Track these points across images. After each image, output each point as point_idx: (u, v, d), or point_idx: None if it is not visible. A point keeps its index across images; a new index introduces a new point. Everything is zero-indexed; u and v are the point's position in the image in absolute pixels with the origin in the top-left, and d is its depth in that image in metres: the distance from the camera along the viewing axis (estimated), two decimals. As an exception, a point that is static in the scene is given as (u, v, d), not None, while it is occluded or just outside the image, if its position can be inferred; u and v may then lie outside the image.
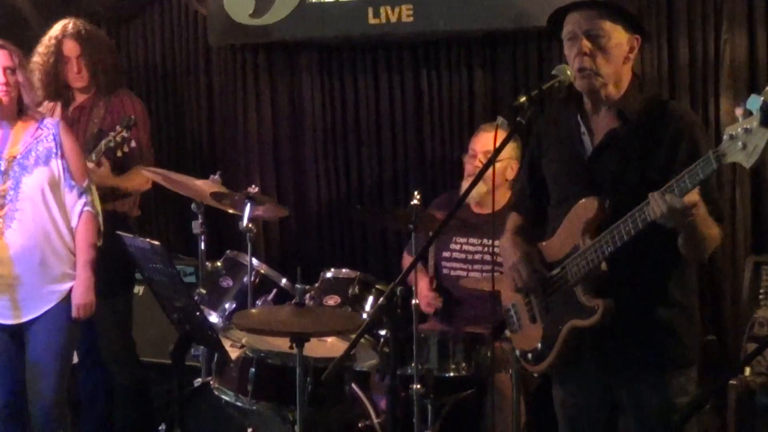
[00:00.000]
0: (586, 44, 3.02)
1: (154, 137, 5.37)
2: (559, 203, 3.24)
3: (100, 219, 4.28)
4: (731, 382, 3.41)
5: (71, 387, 5.40)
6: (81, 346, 5.03)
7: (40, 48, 5.06)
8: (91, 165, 4.59)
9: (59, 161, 4.11)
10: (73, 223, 4.20)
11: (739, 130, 2.54)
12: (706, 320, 4.86)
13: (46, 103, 5.10)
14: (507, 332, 3.46)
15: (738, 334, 4.48)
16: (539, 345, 3.22)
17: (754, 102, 2.55)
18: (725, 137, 2.60)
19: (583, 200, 3.05)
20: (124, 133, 4.67)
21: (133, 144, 4.70)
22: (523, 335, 3.34)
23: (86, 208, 4.14)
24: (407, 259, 4.99)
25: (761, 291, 4.39)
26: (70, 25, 5.08)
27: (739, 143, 2.55)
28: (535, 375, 3.31)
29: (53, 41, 5.05)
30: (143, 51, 6.08)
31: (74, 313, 4.13)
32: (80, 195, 4.15)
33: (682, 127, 3.02)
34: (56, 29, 5.09)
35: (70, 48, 5.03)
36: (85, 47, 5.04)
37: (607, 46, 3.03)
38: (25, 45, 6.14)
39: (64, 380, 4.25)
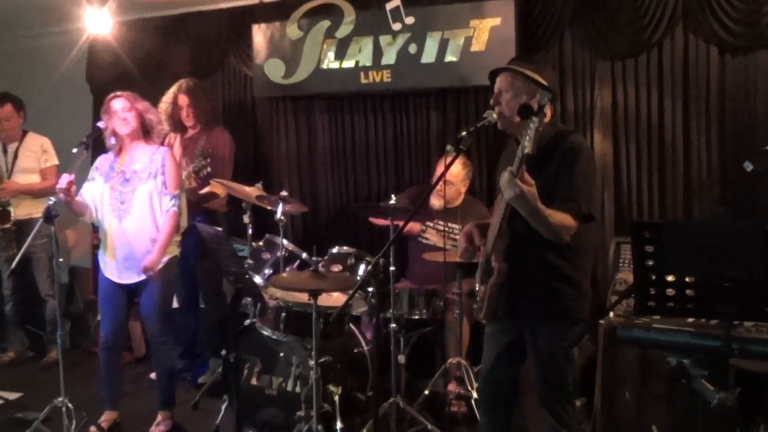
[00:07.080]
0: (497, 97, 3.00)
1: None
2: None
3: (183, 218, 4.22)
4: (600, 321, 3.45)
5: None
6: (181, 297, 5.05)
7: (165, 98, 5.08)
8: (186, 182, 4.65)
9: (161, 176, 4.12)
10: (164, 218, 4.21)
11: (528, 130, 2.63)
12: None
13: (171, 134, 5.15)
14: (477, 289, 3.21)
15: (606, 290, 4.50)
16: (479, 299, 3.14)
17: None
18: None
19: (499, 196, 2.97)
20: (202, 161, 4.72)
21: (208, 169, 4.74)
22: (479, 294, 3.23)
23: (173, 208, 4.14)
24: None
25: (620, 261, 4.38)
26: (184, 84, 5.10)
27: (527, 137, 2.63)
28: (483, 321, 3.26)
29: (171, 95, 5.08)
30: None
31: (142, 270, 4.04)
32: (171, 199, 4.16)
33: (569, 148, 2.89)
34: (175, 86, 5.11)
35: (182, 100, 5.08)
36: (192, 99, 5.07)
37: (508, 99, 2.97)
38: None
39: (166, 316, 4.19)
